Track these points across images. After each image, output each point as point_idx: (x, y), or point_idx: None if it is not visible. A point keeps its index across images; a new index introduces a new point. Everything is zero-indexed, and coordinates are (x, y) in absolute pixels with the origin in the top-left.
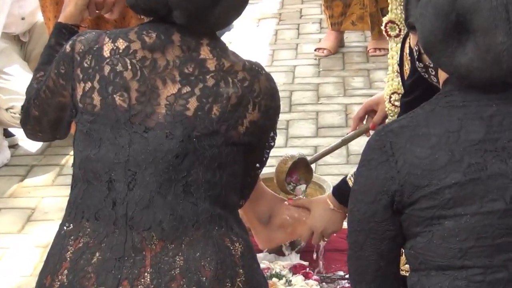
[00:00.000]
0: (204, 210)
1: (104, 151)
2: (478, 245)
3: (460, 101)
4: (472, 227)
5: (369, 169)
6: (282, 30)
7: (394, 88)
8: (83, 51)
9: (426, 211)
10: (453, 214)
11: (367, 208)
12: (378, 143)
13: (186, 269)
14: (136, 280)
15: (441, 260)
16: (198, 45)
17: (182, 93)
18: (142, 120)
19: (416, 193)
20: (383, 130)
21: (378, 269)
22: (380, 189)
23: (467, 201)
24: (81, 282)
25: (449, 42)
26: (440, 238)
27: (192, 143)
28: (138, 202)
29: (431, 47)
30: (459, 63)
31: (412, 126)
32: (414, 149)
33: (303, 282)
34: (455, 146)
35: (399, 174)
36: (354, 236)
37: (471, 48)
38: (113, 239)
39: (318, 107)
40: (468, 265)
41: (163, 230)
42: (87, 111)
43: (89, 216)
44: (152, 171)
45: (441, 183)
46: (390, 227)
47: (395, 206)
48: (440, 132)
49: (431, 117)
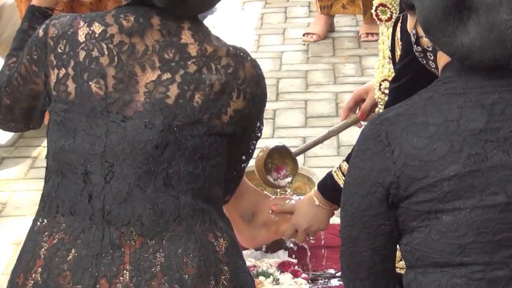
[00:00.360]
0: (186, 204)
1: (79, 141)
2: (478, 241)
3: (460, 88)
4: (472, 222)
5: (363, 159)
6: (268, 13)
7: (385, 75)
8: (57, 36)
9: (423, 205)
10: (452, 208)
11: (361, 201)
12: (373, 132)
13: (167, 266)
14: (114, 278)
15: (438, 257)
16: (179, 29)
17: (162, 80)
18: (119, 108)
19: (412, 185)
20: (378, 119)
21: (372, 266)
22: (375, 181)
23: (467, 194)
24: (56, 280)
25: (450, 20)
26: (438, 234)
27: (173, 132)
28: (115, 196)
29: (430, 27)
30: (461, 43)
31: (409, 114)
32: (411, 139)
33: (291, 281)
34: (455, 136)
35: (395, 165)
36: (347, 231)
37: (473, 26)
38: (89, 235)
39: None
40: (467, 262)
41: (143, 225)
42: (61, 99)
43: (64, 210)
44: (131, 163)
45: (439, 175)
46: (385, 222)
47: (391, 199)
48: (438, 121)
49: (429, 105)
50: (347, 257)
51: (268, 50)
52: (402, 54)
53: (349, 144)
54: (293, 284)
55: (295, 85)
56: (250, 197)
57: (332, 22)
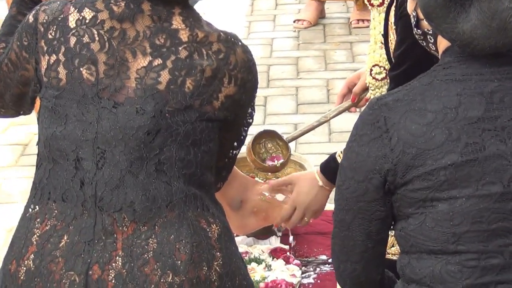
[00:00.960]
0: (178, 190)
1: (70, 128)
2: (472, 230)
3: (459, 74)
4: (467, 211)
5: (361, 145)
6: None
7: (376, 60)
8: (47, 22)
9: (419, 192)
10: (448, 197)
11: (356, 187)
12: (371, 118)
13: (160, 253)
14: (107, 264)
15: (433, 244)
16: (170, 14)
17: (153, 65)
18: (110, 94)
19: (409, 173)
20: (377, 104)
21: (365, 250)
22: (372, 168)
23: (463, 183)
24: (48, 267)
25: (451, 7)
26: (433, 222)
27: (165, 118)
28: (107, 182)
29: (431, 13)
30: (462, 30)
31: (407, 100)
32: (409, 126)
33: (283, 267)
34: (453, 124)
35: (392, 153)
36: (341, 215)
37: (474, 13)
38: (81, 221)
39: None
40: (461, 250)
41: (135, 211)
42: (52, 85)
43: (55, 197)
44: (122, 149)
45: (436, 164)
46: (381, 208)
47: (387, 186)
48: (437, 108)
49: (428, 91)
50: (339, 240)
51: (258, 37)
52: (399, 41)
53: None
54: (285, 270)
55: (286, 71)
56: (238, 185)
57: (323, 9)
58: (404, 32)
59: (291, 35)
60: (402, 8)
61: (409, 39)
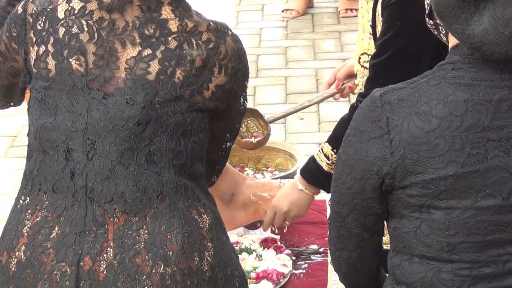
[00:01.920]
0: (169, 180)
1: (60, 118)
2: (468, 241)
3: (469, 78)
4: (464, 222)
5: (360, 141)
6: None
7: (364, 48)
8: (36, 13)
9: (416, 198)
10: (445, 206)
11: (353, 184)
12: (373, 115)
13: (151, 243)
14: (98, 255)
15: (426, 251)
16: (159, 4)
17: (143, 56)
18: (100, 85)
19: (408, 178)
20: (380, 100)
21: (361, 240)
22: (370, 168)
23: (462, 194)
24: (39, 258)
25: (465, 8)
26: (428, 229)
27: (155, 109)
28: (98, 173)
29: (444, 11)
30: (473, 33)
31: (412, 101)
32: (412, 130)
33: (274, 257)
34: (457, 133)
35: (392, 156)
36: (337, 207)
37: (488, 18)
38: (72, 212)
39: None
40: (454, 259)
41: (126, 202)
42: (41, 76)
43: (46, 188)
44: (113, 140)
45: (436, 173)
46: (377, 205)
47: (384, 187)
48: (443, 114)
49: (434, 94)
50: (336, 228)
51: (247, 27)
52: (383, 30)
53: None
54: (276, 260)
55: (274, 61)
56: (229, 178)
57: None
58: (388, 21)
59: (280, 25)
60: None
61: (392, 28)
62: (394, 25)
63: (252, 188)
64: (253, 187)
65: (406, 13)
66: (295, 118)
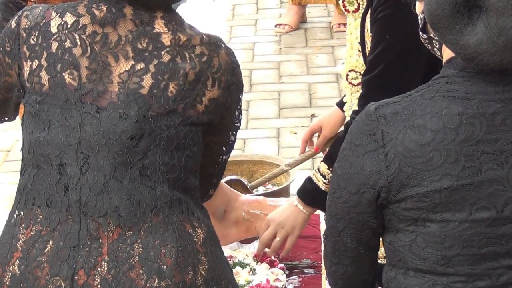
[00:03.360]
0: (162, 195)
1: (54, 133)
2: (463, 254)
3: (463, 91)
4: (459, 235)
5: (356, 155)
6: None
7: (352, 65)
8: (29, 27)
9: (411, 212)
10: (440, 219)
11: (348, 198)
12: (368, 128)
13: (145, 257)
14: (92, 270)
15: (422, 264)
16: (152, 18)
17: (136, 70)
18: (93, 99)
19: (403, 191)
20: (375, 114)
21: (357, 255)
22: (365, 182)
23: (457, 207)
24: (34, 272)
25: (458, 18)
26: (423, 242)
27: (148, 123)
28: (92, 187)
29: (437, 22)
30: (467, 43)
31: (407, 114)
32: (407, 143)
33: (268, 271)
34: (452, 146)
35: (388, 170)
36: (333, 222)
37: (481, 28)
38: (66, 227)
39: (280, 86)
40: (450, 272)
41: (120, 216)
42: (35, 91)
43: (40, 202)
44: (106, 154)
45: (431, 186)
46: (372, 220)
47: (380, 201)
48: (437, 128)
49: (429, 107)
50: (332, 243)
51: (240, 42)
52: (373, 45)
53: None
54: (269, 274)
55: (268, 76)
56: (223, 194)
57: (304, 13)
58: (377, 36)
59: (273, 40)
60: (376, 13)
61: (382, 42)
62: (383, 40)
63: (245, 205)
64: (246, 204)
65: (394, 27)
66: (288, 133)
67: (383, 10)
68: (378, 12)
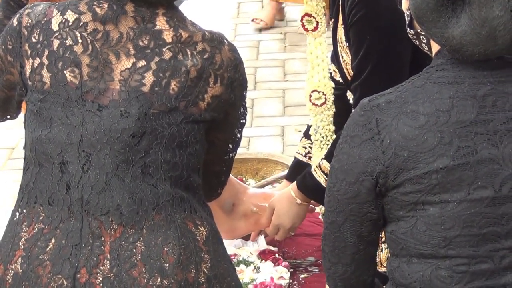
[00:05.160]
0: (164, 193)
1: (55, 131)
2: (463, 234)
3: (452, 76)
4: (458, 215)
5: (352, 146)
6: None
7: (314, 85)
8: (31, 25)
9: (410, 196)
10: (439, 201)
11: (348, 189)
12: (363, 119)
13: (148, 256)
14: (94, 268)
15: (424, 248)
16: (153, 15)
17: (137, 67)
18: (95, 97)
19: (401, 176)
20: (369, 105)
21: (356, 251)
22: (363, 170)
23: (454, 187)
24: (36, 270)
25: (443, 12)
26: (424, 225)
27: (150, 121)
28: (94, 185)
29: (422, 16)
30: (452, 35)
31: (400, 102)
32: (401, 128)
33: (272, 269)
34: (445, 127)
35: (384, 155)
36: (332, 217)
37: (465, 20)
38: (68, 225)
39: (284, 84)
40: (452, 254)
41: (122, 214)
42: (37, 89)
43: (42, 201)
44: (108, 152)
45: (428, 167)
46: (372, 210)
47: (379, 188)
48: (429, 111)
49: (420, 93)
50: (331, 242)
51: (245, 39)
52: (354, 51)
53: None
54: (273, 272)
55: (273, 74)
56: (231, 187)
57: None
58: (357, 40)
59: (278, 38)
60: (351, 17)
61: (364, 44)
62: (364, 41)
63: (253, 198)
64: (254, 197)
65: (372, 26)
66: (293, 131)
67: (358, 12)
68: (352, 15)
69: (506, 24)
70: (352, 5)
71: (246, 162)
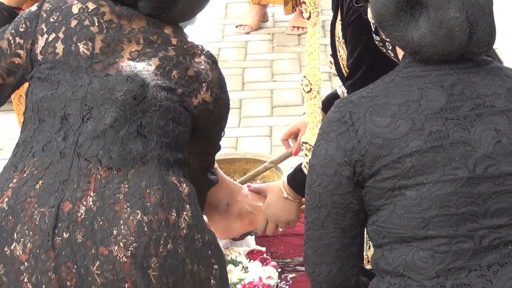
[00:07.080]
0: (154, 150)
1: (61, 90)
2: (441, 214)
3: (419, 71)
4: (435, 196)
5: (329, 141)
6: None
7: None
8: (51, 9)
9: (387, 182)
10: (415, 183)
11: (329, 181)
12: (337, 115)
13: (131, 195)
14: (78, 201)
15: (404, 231)
16: (163, 23)
17: (146, 51)
18: (103, 67)
19: (377, 163)
20: (342, 102)
21: (339, 248)
22: (341, 160)
23: (429, 169)
24: (22, 205)
25: (402, 16)
26: (402, 209)
27: (151, 90)
28: (90, 132)
29: (383, 21)
30: (411, 38)
31: (371, 96)
32: (374, 118)
33: (260, 269)
34: (416, 115)
35: (359, 144)
36: (315, 214)
37: (423, 23)
38: (58, 165)
39: (272, 84)
40: (432, 235)
41: (111, 158)
42: (47, 60)
43: (36, 149)
44: (109, 107)
45: (402, 152)
46: (353, 200)
47: (356, 178)
48: (400, 102)
49: (390, 88)
50: (314, 242)
51: (232, 40)
52: (350, 49)
53: None
54: (262, 272)
55: (260, 74)
56: (225, 187)
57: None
58: (354, 39)
59: (266, 38)
60: (348, 16)
61: (359, 44)
62: (360, 41)
63: (248, 198)
64: (248, 197)
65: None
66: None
67: (355, 12)
68: (350, 15)
69: (461, 24)
70: (350, 4)
71: (234, 162)
